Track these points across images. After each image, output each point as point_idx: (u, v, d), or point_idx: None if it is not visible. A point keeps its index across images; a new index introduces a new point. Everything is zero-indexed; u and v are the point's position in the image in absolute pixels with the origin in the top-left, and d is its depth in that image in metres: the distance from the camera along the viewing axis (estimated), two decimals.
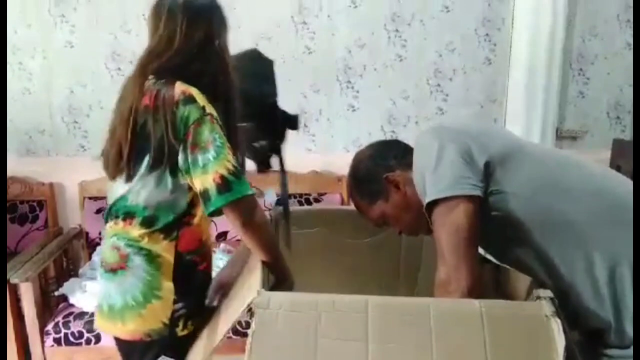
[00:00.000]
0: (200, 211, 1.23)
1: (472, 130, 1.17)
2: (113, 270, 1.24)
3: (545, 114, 2.71)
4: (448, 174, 1.07)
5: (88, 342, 2.06)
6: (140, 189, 1.20)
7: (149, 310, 1.22)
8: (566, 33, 2.68)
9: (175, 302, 1.23)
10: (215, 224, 2.60)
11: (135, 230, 1.22)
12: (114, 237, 1.25)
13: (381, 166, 1.26)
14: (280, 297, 1.00)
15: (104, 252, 1.28)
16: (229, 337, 2.10)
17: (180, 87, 1.15)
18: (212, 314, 1.28)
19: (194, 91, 1.16)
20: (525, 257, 1.12)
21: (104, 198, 2.56)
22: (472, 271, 1.07)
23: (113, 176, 1.24)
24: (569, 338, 0.96)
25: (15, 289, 2.02)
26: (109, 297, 1.26)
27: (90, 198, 2.57)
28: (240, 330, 2.11)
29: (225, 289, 1.30)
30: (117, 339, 1.31)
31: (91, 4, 2.53)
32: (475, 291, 1.05)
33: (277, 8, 2.63)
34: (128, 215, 1.23)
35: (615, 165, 2.60)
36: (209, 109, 1.16)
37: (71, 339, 2.06)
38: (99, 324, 1.31)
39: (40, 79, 2.58)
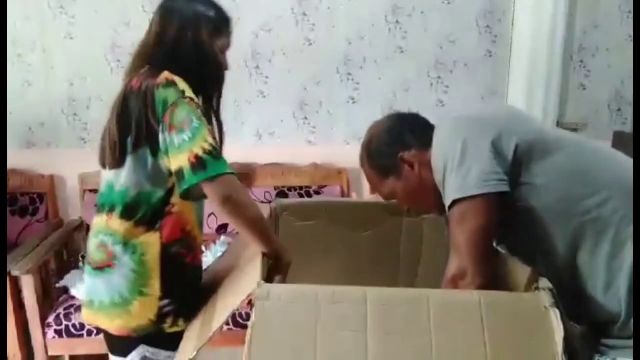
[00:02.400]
0: (180, 200, 1.25)
1: (500, 117, 1.13)
2: (99, 268, 1.26)
3: (546, 106, 2.70)
4: (474, 170, 1.03)
5: (89, 333, 2.07)
6: (124, 171, 1.23)
7: (135, 307, 1.24)
8: (567, 24, 2.66)
9: (161, 298, 1.25)
10: (216, 217, 2.60)
11: (116, 224, 1.24)
12: (99, 234, 1.27)
13: (397, 143, 1.20)
14: (279, 288, 1.00)
15: (90, 250, 1.30)
16: (229, 329, 2.11)
17: (164, 74, 1.21)
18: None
19: (177, 78, 1.21)
20: (541, 248, 1.10)
21: None
22: (489, 267, 1.07)
23: (109, 164, 1.27)
24: (568, 328, 0.96)
25: (16, 280, 2.02)
26: (97, 292, 1.27)
27: (90, 190, 2.57)
28: (240, 322, 2.11)
29: (219, 277, 1.31)
30: (105, 332, 1.32)
31: None
32: (487, 287, 1.04)
33: None
34: (111, 208, 1.26)
35: None
36: (189, 93, 1.20)
37: (72, 330, 2.07)
38: (87, 317, 1.32)
39: (39, 71, 2.57)
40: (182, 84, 1.21)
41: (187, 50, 1.27)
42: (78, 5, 2.52)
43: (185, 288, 1.29)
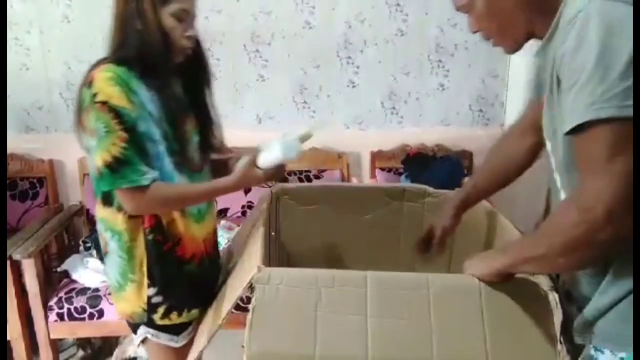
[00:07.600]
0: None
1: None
2: (104, 253, 1.30)
3: None
4: None
5: (91, 317, 2.08)
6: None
7: (128, 293, 1.26)
8: None
9: (148, 285, 1.24)
10: (216, 200, 2.60)
11: (101, 210, 1.25)
12: (99, 221, 1.28)
13: None
14: (280, 272, 1.01)
15: None
16: (231, 313, 2.12)
17: (96, 69, 1.14)
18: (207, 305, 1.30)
19: (101, 75, 1.12)
20: None
21: None
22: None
23: None
24: (567, 312, 0.97)
25: (17, 265, 2.03)
26: (107, 276, 1.34)
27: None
28: (241, 306, 2.12)
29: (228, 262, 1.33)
30: None
31: None
32: None
33: None
34: (96, 193, 1.26)
35: None
36: (103, 95, 1.10)
37: (74, 314, 2.08)
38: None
39: (37, 54, 2.55)
40: (99, 84, 1.10)
41: (130, 27, 1.14)
42: None
43: (170, 278, 1.26)
